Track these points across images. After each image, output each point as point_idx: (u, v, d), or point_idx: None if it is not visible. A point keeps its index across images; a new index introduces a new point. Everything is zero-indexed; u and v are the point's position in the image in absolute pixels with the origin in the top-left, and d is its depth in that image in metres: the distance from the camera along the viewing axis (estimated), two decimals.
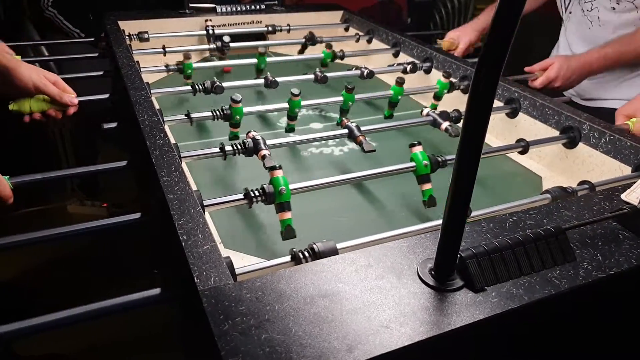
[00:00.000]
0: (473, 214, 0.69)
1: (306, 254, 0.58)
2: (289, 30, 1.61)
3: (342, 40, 1.61)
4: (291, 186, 0.71)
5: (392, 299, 0.47)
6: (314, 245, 0.59)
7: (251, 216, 0.81)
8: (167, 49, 1.34)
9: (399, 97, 1.13)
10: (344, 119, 0.95)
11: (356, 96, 1.07)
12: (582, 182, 0.80)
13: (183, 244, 0.54)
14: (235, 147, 0.81)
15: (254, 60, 1.30)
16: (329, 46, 1.42)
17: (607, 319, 0.58)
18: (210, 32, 1.51)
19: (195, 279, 0.48)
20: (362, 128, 0.92)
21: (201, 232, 0.56)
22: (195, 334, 0.52)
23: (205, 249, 0.53)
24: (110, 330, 1.23)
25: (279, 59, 1.38)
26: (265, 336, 0.42)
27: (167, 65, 1.24)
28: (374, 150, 0.87)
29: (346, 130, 0.92)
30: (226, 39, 1.29)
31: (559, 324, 0.54)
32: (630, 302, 0.59)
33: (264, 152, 0.80)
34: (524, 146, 0.92)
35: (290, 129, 1.08)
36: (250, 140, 0.82)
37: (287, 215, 0.71)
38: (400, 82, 1.12)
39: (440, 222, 0.46)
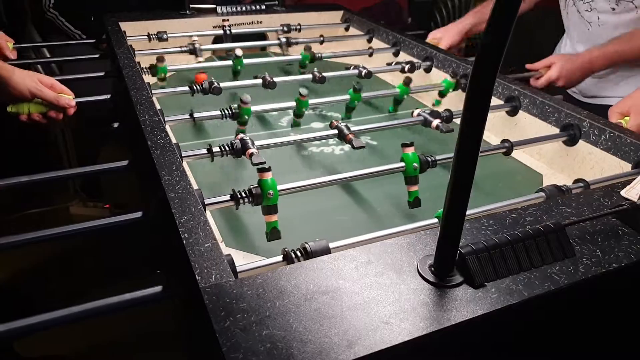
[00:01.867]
0: (472, 210, 0.69)
1: (298, 253, 0.59)
2: (299, 30, 1.63)
3: (343, 40, 1.61)
4: (281, 187, 0.71)
5: (392, 295, 0.47)
6: (306, 245, 0.59)
7: (252, 215, 0.81)
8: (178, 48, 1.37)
9: (405, 95, 1.15)
10: (333, 120, 0.95)
11: (363, 94, 1.08)
12: (577, 180, 0.80)
13: (184, 242, 0.54)
14: (223, 149, 0.81)
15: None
16: (307, 48, 1.42)
17: (606, 315, 0.58)
18: (228, 32, 1.52)
19: (196, 276, 0.49)
20: (361, 127, 0.93)
21: (202, 231, 0.56)
22: (197, 331, 0.52)
23: (206, 247, 0.53)
24: (112, 329, 1.23)
25: (257, 61, 1.38)
26: (266, 332, 0.43)
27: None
28: (363, 147, 0.88)
29: (336, 131, 0.92)
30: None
31: (559, 320, 0.54)
32: (630, 298, 0.59)
33: (252, 150, 0.80)
34: (507, 147, 0.91)
35: (295, 125, 1.09)
36: (238, 141, 0.82)
37: (274, 217, 0.71)
38: (407, 82, 1.13)
39: (438, 220, 0.47)
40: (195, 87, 1.09)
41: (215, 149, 0.82)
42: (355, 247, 0.54)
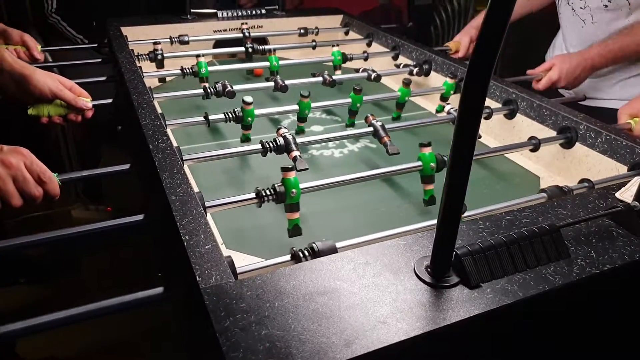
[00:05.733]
0: (469, 213, 0.70)
1: (306, 252, 0.60)
2: (317, 33, 1.65)
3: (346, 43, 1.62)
4: (303, 185, 0.73)
5: (389, 295, 0.48)
6: (314, 245, 0.60)
7: (252, 217, 0.82)
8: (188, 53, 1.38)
9: (407, 98, 1.16)
10: (368, 115, 0.96)
11: (364, 97, 1.09)
12: (582, 180, 0.81)
13: (185, 244, 0.55)
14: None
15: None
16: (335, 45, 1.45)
17: (600, 316, 0.59)
18: (247, 34, 1.53)
19: (197, 277, 0.50)
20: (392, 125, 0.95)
21: (203, 233, 0.57)
22: (197, 331, 0.53)
23: (206, 248, 0.54)
24: (113, 329, 1.24)
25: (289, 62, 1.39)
26: (265, 332, 0.43)
27: (182, 69, 1.25)
28: (398, 153, 0.89)
29: (371, 129, 0.94)
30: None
31: (553, 320, 0.55)
32: (624, 298, 0.60)
33: (295, 153, 0.83)
34: (535, 144, 0.94)
35: (300, 131, 1.10)
36: (281, 138, 0.85)
37: (296, 215, 0.73)
38: (407, 83, 1.14)
39: (436, 221, 0.48)
40: (209, 90, 1.09)
41: (256, 146, 0.85)
42: (353, 249, 0.55)
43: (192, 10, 1.59)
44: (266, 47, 1.45)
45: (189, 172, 0.91)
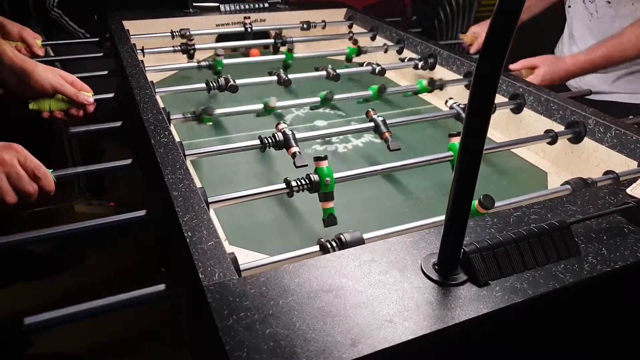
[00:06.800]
0: (510, 201, 0.71)
1: (333, 243, 0.60)
2: (324, 27, 1.64)
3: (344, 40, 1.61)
4: (336, 175, 0.74)
5: (396, 293, 0.47)
6: (342, 236, 0.60)
7: (255, 213, 0.81)
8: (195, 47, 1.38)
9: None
10: (370, 110, 0.95)
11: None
12: (607, 172, 0.81)
13: (188, 240, 0.54)
14: (265, 141, 0.84)
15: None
16: (355, 41, 1.44)
17: (612, 314, 0.58)
18: (249, 29, 1.52)
19: (200, 274, 0.49)
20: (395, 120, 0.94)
21: (206, 229, 0.56)
22: (201, 329, 0.52)
23: (209, 245, 0.53)
24: (115, 326, 1.24)
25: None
26: (270, 330, 0.43)
27: (198, 62, 1.26)
28: (399, 149, 0.88)
29: (372, 124, 0.92)
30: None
31: (563, 319, 0.54)
32: (636, 296, 0.59)
33: (294, 149, 0.82)
34: (552, 137, 0.93)
35: (267, 113, 1.06)
36: (280, 134, 0.84)
37: (330, 204, 0.74)
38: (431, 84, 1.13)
39: (443, 217, 0.46)
40: (211, 85, 1.09)
41: (254, 141, 0.84)
42: (360, 245, 0.54)
43: (195, 4, 1.58)
44: (293, 38, 1.46)
45: (192, 167, 0.90)
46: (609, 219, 0.60)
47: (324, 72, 1.20)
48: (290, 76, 1.15)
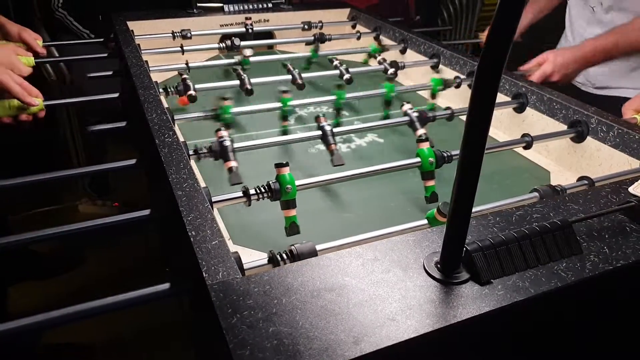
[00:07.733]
0: (479, 208, 0.69)
1: (284, 256, 0.59)
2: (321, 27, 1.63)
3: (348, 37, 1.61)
4: (298, 182, 0.72)
5: (399, 292, 0.47)
6: (292, 248, 0.58)
7: (259, 212, 0.81)
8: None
9: (392, 94, 1.12)
10: (320, 116, 0.92)
11: (347, 95, 1.08)
12: (581, 178, 0.80)
13: (192, 239, 0.54)
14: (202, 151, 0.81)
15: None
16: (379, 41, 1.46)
17: (614, 313, 0.58)
18: (250, 30, 1.52)
19: (203, 273, 0.49)
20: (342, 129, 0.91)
21: (209, 228, 0.56)
22: (205, 327, 0.53)
23: (213, 244, 0.54)
24: (119, 325, 1.24)
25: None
26: (273, 329, 0.43)
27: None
28: (342, 164, 0.85)
29: (319, 132, 0.88)
30: (236, 41, 1.32)
31: (565, 317, 0.54)
32: (638, 295, 0.59)
33: (232, 164, 0.78)
34: (527, 141, 0.91)
35: (284, 130, 1.08)
36: (217, 144, 0.80)
37: (292, 212, 0.71)
38: (391, 78, 1.12)
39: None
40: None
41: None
42: (361, 245, 0.54)
43: (198, 4, 1.59)
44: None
45: (196, 167, 0.90)
46: (611, 218, 0.60)
47: (337, 71, 1.21)
48: (306, 75, 1.15)
